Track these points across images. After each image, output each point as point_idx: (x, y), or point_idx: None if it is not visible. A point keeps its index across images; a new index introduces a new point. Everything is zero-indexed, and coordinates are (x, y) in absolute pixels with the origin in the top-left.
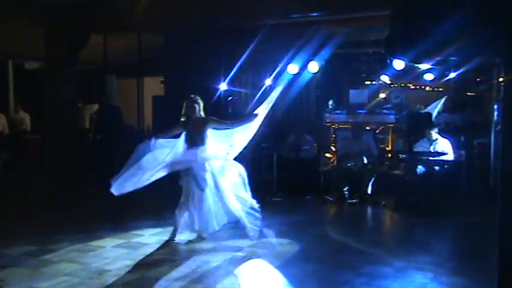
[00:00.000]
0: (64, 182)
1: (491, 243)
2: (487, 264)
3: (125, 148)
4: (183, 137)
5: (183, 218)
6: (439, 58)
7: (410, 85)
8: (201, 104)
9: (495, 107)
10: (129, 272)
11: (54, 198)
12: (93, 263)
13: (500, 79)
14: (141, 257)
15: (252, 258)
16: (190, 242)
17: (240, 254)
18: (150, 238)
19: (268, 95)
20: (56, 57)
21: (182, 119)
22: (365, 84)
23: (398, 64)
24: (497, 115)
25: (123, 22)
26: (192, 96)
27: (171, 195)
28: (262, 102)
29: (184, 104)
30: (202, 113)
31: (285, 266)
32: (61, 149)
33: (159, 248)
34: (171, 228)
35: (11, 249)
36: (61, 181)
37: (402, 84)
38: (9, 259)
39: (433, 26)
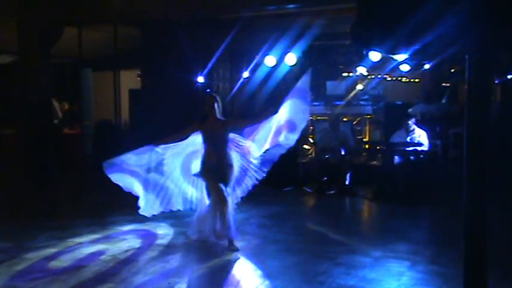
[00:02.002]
0: (38, 178)
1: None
2: (463, 252)
3: (104, 142)
4: (196, 139)
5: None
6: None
7: (387, 76)
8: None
9: None
10: (106, 267)
11: (30, 194)
12: (70, 258)
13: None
14: (119, 252)
15: (231, 252)
16: (169, 236)
17: (219, 247)
18: (128, 233)
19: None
20: (29, 51)
21: (198, 119)
22: (342, 76)
23: (375, 56)
24: None
25: (98, 14)
26: (212, 94)
27: None
28: (241, 94)
29: (204, 103)
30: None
31: (264, 258)
32: (35, 144)
33: (137, 243)
34: (149, 223)
35: None
36: (35, 176)
37: (379, 76)
38: None
39: (399, 15)
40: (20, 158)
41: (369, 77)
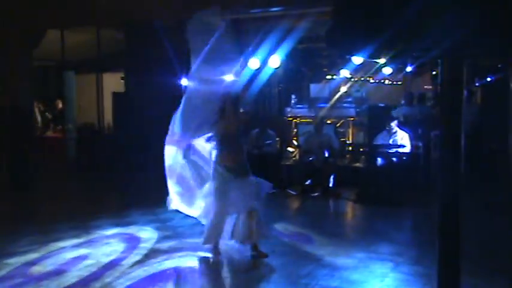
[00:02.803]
0: (19, 182)
1: None
2: None
3: (87, 145)
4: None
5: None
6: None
7: (370, 79)
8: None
9: None
10: (89, 272)
11: (10, 198)
12: (53, 263)
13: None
14: (102, 257)
15: (216, 255)
16: (153, 240)
17: (203, 251)
18: (112, 237)
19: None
20: (11, 52)
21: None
22: (326, 78)
23: (357, 59)
24: None
25: (82, 17)
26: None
27: (130, 193)
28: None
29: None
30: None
31: (248, 261)
32: (15, 148)
33: (120, 247)
34: (132, 227)
35: None
36: (16, 180)
37: (362, 78)
38: None
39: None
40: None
41: (352, 79)
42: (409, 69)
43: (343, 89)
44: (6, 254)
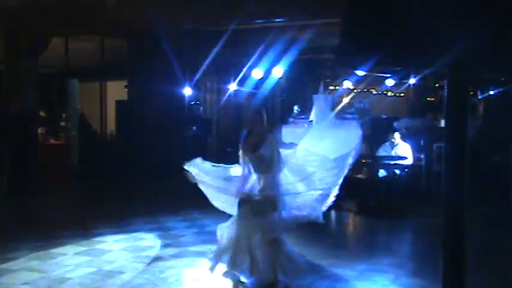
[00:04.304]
0: (20, 188)
1: None
2: None
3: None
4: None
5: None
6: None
7: (373, 90)
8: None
9: None
10: (91, 279)
11: (12, 205)
12: (54, 270)
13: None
14: (104, 265)
15: (216, 264)
16: (156, 248)
17: (204, 259)
18: (113, 244)
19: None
20: (16, 60)
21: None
22: (329, 89)
23: (360, 71)
24: None
25: (87, 25)
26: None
27: (132, 201)
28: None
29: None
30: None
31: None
32: (17, 154)
33: (122, 255)
34: (134, 235)
35: None
36: (17, 187)
37: (365, 90)
38: None
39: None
40: (2, 168)
41: (354, 90)
42: (412, 81)
43: (346, 100)
44: (8, 260)
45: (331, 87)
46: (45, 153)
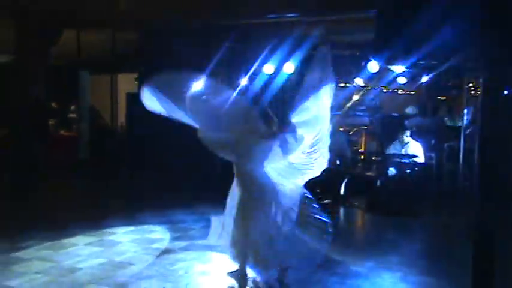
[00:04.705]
0: (29, 180)
1: (458, 243)
2: (455, 263)
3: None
4: None
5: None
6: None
7: (384, 88)
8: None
9: (465, 111)
10: (101, 270)
11: (24, 196)
12: (65, 260)
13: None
14: (114, 256)
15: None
16: (165, 240)
17: (213, 252)
18: (123, 236)
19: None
20: (27, 51)
21: None
22: (339, 86)
23: (373, 67)
24: (467, 119)
25: (97, 18)
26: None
27: (142, 194)
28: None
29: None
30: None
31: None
32: (28, 146)
33: (132, 247)
34: (143, 227)
35: None
36: (27, 178)
37: (376, 87)
38: None
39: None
40: (11, 159)
41: (365, 88)
42: (424, 79)
43: (357, 97)
44: (20, 249)
45: (342, 84)
46: (55, 145)
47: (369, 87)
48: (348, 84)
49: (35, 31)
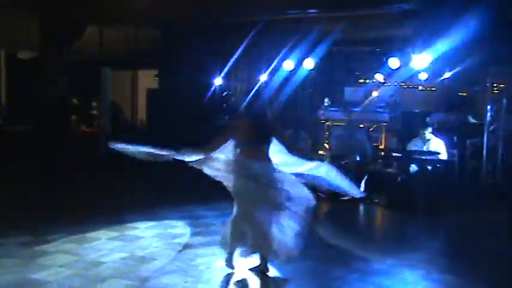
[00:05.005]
0: (52, 174)
1: (482, 241)
2: (478, 262)
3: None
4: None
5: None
6: None
7: (403, 84)
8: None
9: (488, 107)
10: (125, 264)
11: (47, 190)
12: (89, 254)
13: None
14: (137, 250)
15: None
16: (186, 235)
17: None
18: (145, 231)
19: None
20: (50, 48)
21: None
22: (359, 82)
23: (394, 63)
24: (490, 115)
25: (119, 14)
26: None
27: (163, 189)
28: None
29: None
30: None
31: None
32: (50, 141)
33: (154, 241)
34: (165, 222)
35: (6, 239)
36: (51, 173)
37: (395, 84)
38: (4, 249)
39: None
40: (34, 154)
41: (385, 84)
42: (447, 75)
43: (377, 93)
44: (45, 242)
45: (361, 80)
46: (77, 140)
47: (389, 84)
48: (367, 80)
49: (58, 28)
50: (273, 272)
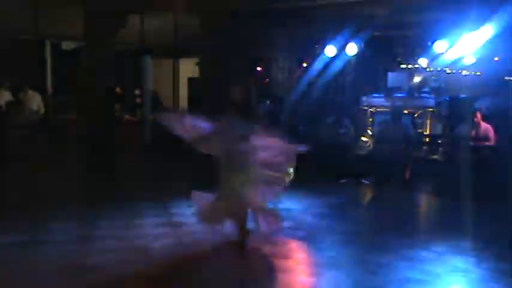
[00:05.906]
0: (99, 163)
1: None
2: None
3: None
4: None
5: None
6: None
7: (447, 69)
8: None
9: None
10: (172, 250)
11: (93, 178)
12: (137, 239)
13: None
14: (184, 236)
15: (292, 240)
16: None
17: (280, 235)
18: (190, 218)
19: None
20: (94, 38)
21: None
22: (401, 67)
23: (439, 47)
24: None
25: (160, 2)
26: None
27: (206, 177)
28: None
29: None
30: None
31: (325, 248)
32: (97, 130)
33: (199, 228)
34: None
35: (55, 225)
36: (96, 162)
37: (438, 69)
38: (54, 235)
39: None
40: (81, 143)
41: (428, 69)
42: (496, 58)
43: (421, 78)
44: (95, 228)
45: (404, 66)
46: (121, 129)
47: (433, 69)
48: (409, 66)
49: (101, 18)
50: (318, 257)
